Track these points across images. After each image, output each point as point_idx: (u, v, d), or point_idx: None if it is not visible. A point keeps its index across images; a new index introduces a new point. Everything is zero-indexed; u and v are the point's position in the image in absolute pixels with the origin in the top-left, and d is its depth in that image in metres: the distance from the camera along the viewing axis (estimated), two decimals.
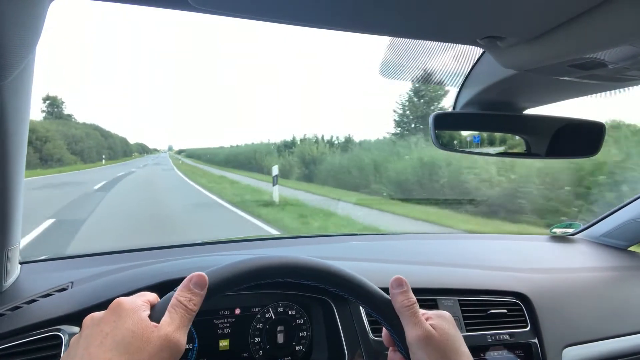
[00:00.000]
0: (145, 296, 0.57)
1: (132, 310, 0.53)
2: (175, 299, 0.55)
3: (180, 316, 0.54)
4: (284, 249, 1.40)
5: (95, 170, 27.02)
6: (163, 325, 0.52)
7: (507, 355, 1.07)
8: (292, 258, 0.65)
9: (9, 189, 0.77)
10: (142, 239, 5.81)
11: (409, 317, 0.63)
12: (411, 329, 0.63)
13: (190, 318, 0.55)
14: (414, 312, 0.64)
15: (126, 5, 0.62)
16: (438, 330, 0.62)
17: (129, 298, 0.55)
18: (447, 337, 0.62)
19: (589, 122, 0.98)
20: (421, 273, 1.16)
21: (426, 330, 0.62)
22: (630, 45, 0.58)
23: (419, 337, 0.61)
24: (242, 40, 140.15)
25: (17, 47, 0.58)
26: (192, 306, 0.56)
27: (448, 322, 0.65)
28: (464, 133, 1.07)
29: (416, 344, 0.61)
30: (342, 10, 0.57)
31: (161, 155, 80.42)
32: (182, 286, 0.57)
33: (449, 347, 0.61)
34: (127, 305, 0.53)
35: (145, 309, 0.54)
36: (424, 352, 0.61)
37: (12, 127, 0.69)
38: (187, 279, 0.57)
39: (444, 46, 0.83)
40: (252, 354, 0.97)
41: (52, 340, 0.78)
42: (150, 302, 0.57)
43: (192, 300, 0.56)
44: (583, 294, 1.26)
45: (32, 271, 1.03)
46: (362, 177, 12.95)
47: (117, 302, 0.54)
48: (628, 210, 1.52)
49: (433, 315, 0.66)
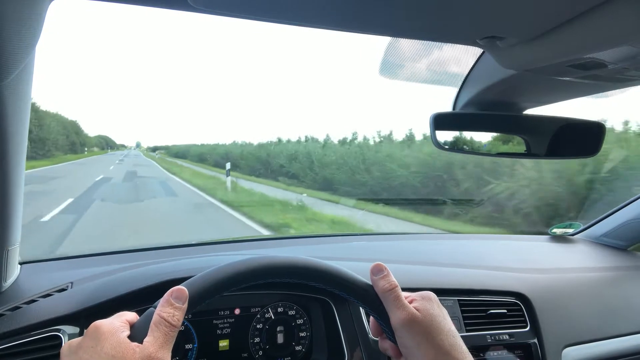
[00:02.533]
0: (124, 316, 0.55)
1: (110, 333, 0.51)
2: (158, 316, 0.53)
3: (164, 334, 0.52)
4: (284, 249, 1.40)
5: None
6: (146, 345, 0.50)
7: (506, 355, 1.07)
8: (268, 258, 0.65)
9: (8, 189, 0.77)
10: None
11: (392, 301, 0.64)
12: (395, 312, 0.63)
13: (174, 334, 0.53)
14: (397, 295, 0.64)
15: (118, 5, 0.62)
16: (422, 312, 0.63)
17: (106, 320, 0.53)
18: (431, 318, 0.62)
19: (589, 122, 0.98)
20: (421, 273, 1.16)
21: (409, 313, 0.62)
22: (630, 45, 0.58)
23: (403, 320, 0.62)
24: (218, 38, 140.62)
25: (16, 47, 0.58)
26: (175, 322, 0.54)
27: (431, 302, 0.65)
28: (464, 133, 1.07)
29: (401, 327, 0.62)
30: (342, 10, 0.57)
31: (132, 153, 66.01)
32: (163, 301, 0.55)
33: (434, 327, 0.62)
34: (105, 329, 0.51)
35: (124, 329, 0.53)
36: (409, 334, 0.61)
37: (11, 127, 0.69)
38: (168, 294, 0.55)
39: (444, 46, 0.83)
40: (251, 354, 0.97)
41: (51, 340, 0.78)
42: (129, 321, 0.55)
43: (175, 316, 0.54)
44: (583, 294, 1.26)
45: (32, 271, 1.03)
46: (301, 171, 16.62)
47: (94, 327, 0.52)
48: (627, 210, 1.52)
49: (416, 296, 0.66)
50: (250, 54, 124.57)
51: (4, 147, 0.70)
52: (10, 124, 0.68)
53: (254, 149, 23.91)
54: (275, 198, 11.46)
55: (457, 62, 0.88)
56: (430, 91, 9.87)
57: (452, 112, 1.00)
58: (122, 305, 0.85)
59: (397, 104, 30.30)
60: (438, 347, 0.60)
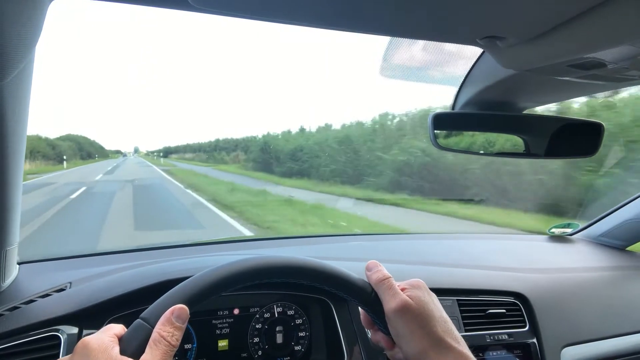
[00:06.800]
0: (111, 330, 0.54)
1: (100, 350, 0.49)
2: (158, 334, 0.52)
3: (163, 352, 0.51)
4: (284, 249, 1.40)
5: None
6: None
7: (505, 355, 1.07)
8: (258, 259, 0.65)
9: (7, 189, 0.77)
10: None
11: (385, 290, 0.65)
12: (388, 300, 0.64)
13: (172, 354, 0.52)
14: (390, 284, 0.65)
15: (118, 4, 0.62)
16: (414, 300, 0.64)
17: (94, 336, 0.52)
18: (423, 305, 0.63)
19: (588, 122, 0.99)
20: (420, 273, 1.16)
21: (403, 300, 0.63)
22: (630, 45, 0.58)
23: (396, 308, 0.63)
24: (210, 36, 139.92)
25: (16, 47, 0.58)
26: (175, 342, 0.52)
27: (422, 290, 0.67)
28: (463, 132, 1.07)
29: (394, 315, 0.63)
30: (342, 10, 0.57)
31: (128, 160, 52.88)
32: (164, 320, 0.53)
33: (426, 314, 0.63)
34: (94, 345, 0.49)
35: (114, 345, 0.51)
36: (402, 321, 0.62)
37: (11, 128, 0.69)
38: (169, 312, 0.54)
39: (444, 46, 0.83)
40: (251, 354, 0.97)
41: (50, 340, 0.78)
42: (117, 335, 0.53)
43: (174, 335, 0.53)
44: (581, 293, 1.26)
45: (31, 271, 1.03)
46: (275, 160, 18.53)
47: (83, 343, 0.50)
48: (626, 210, 1.52)
49: (408, 285, 0.68)
50: (252, 50, 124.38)
51: (2, 147, 0.70)
52: (9, 124, 0.68)
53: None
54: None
55: (457, 62, 0.88)
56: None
57: (451, 112, 1.00)
58: (120, 305, 0.85)
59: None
60: (431, 334, 0.61)
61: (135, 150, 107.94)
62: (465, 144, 1.06)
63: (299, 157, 16.92)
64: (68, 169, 27.77)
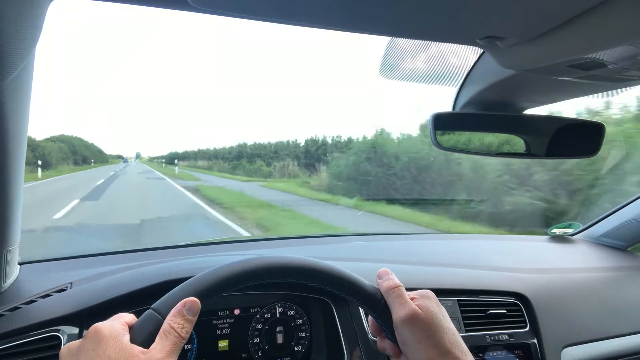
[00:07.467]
0: (122, 318, 0.55)
1: (111, 337, 0.50)
2: (168, 325, 0.53)
3: (172, 343, 0.51)
4: (284, 249, 1.40)
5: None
6: (153, 352, 0.50)
7: (506, 355, 1.07)
8: (271, 258, 0.65)
9: (7, 190, 0.77)
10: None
11: (395, 299, 0.65)
12: (398, 309, 0.64)
13: (181, 345, 0.53)
14: (400, 293, 0.66)
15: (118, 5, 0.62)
16: (423, 309, 0.64)
17: (106, 323, 0.53)
18: (431, 316, 0.63)
19: (589, 122, 0.98)
20: (420, 273, 1.16)
21: (412, 310, 0.63)
22: (630, 45, 0.58)
23: (405, 317, 0.63)
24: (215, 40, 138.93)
25: (16, 47, 0.58)
26: (185, 334, 0.53)
27: (432, 300, 0.67)
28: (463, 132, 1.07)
29: (402, 324, 0.63)
30: (342, 10, 0.57)
31: (130, 167, 40.86)
32: (175, 312, 0.54)
33: (434, 324, 0.63)
34: (106, 332, 0.50)
35: (124, 332, 0.52)
36: (410, 330, 0.62)
37: (11, 128, 0.69)
38: (181, 304, 0.54)
39: (444, 46, 0.83)
40: (251, 354, 0.97)
41: (51, 340, 0.78)
42: (128, 323, 0.54)
43: (185, 328, 0.53)
44: (582, 294, 1.26)
45: (31, 272, 1.03)
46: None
47: (94, 329, 0.51)
48: (627, 210, 1.52)
49: (417, 295, 0.68)
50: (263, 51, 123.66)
51: (3, 147, 0.70)
52: (10, 125, 0.68)
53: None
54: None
55: (457, 62, 0.88)
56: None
57: (452, 112, 1.00)
58: (121, 305, 0.85)
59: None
60: (439, 345, 0.61)
61: (137, 155, 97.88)
62: (465, 143, 1.06)
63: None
64: (45, 179, 18.31)
